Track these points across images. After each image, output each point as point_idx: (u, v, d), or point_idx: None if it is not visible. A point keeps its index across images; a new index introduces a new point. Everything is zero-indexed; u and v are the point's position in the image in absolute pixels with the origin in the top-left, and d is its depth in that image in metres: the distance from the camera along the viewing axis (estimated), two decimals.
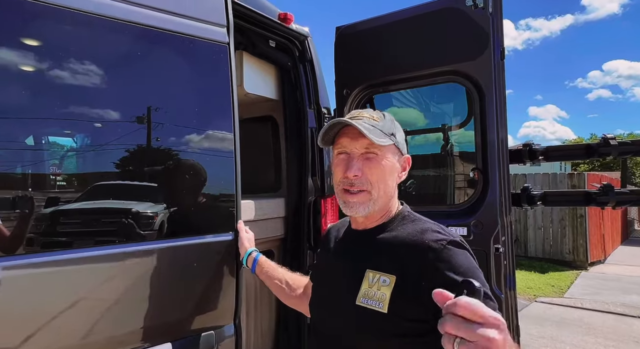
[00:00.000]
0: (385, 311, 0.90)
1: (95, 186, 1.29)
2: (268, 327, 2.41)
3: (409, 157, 1.08)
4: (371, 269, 0.97)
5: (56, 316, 1.16)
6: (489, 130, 1.87)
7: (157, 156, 1.43)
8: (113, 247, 1.28)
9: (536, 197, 1.94)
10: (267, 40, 2.23)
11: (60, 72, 1.20)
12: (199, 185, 1.54)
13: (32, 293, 1.12)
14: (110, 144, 1.30)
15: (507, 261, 1.84)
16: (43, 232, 1.18)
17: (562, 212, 8.07)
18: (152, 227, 1.40)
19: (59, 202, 1.21)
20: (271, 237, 2.35)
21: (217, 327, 1.54)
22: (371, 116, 1.03)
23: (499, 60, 1.81)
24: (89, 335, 1.23)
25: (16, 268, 1.09)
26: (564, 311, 5.29)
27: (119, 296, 1.28)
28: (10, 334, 1.08)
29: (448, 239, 0.91)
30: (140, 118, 1.37)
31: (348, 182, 1.00)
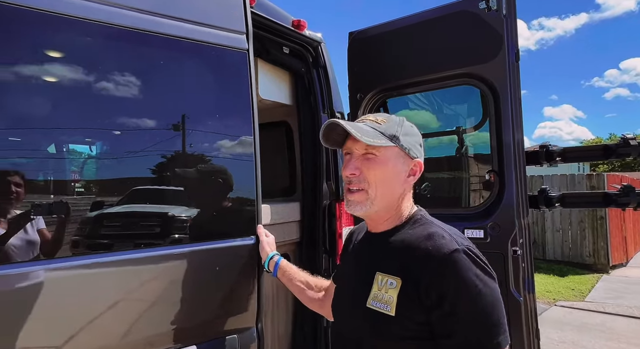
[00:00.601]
0: (393, 313, 0.91)
1: (124, 192, 1.34)
2: (285, 330, 2.43)
3: (420, 162, 1.07)
4: (381, 272, 0.98)
5: (87, 318, 1.20)
6: (505, 132, 1.86)
7: (182, 162, 1.47)
8: (141, 251, 1.32)
9: (554, 199, 1.92)
10: (281, 47, 2.27)
11: (100, 84, 1.27)
12: (223, 190, 1.57)
13: (66, 295, 1.17)
14: (139, 151, 1.35)
15: (525, 264, 1.82)
16: (77, 237, 1.23)
17: (582, 214, 7.88)
18: (178, 232, 1.43)
19: (88, 208, 1.26)
20: (287, 241, 2.38)
21: (240, 330, 1.55)
22: (375, 118, 1.04)
23: (513, 62, 1.80)
24: (119, 336, 1.27)
25: (54, 270, 1.15)
26: (585, 316, 5.16)
27: (147, 298, 1.32)
28: (47, 333, 1.13)
29: (451, 248, 0.90)
30: (167, 125, 1.42)
31: (348, 180, 1.03)
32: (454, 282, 0.88)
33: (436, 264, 0.89)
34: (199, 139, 1.49)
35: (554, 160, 1.91)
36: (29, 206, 1.14)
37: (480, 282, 0.88)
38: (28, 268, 1.12)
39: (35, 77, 1.17)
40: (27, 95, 1.16)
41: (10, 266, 1.09)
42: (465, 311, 0.87)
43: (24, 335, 1.10)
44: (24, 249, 1.12)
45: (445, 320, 0.88)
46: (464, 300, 0.87)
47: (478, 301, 0.87)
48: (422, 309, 0.89)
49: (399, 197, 1.05)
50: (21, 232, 1.11)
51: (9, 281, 1.09)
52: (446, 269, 0.88)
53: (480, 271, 0.90)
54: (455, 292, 0.87)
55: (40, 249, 1.15)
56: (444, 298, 0.87)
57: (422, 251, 0.93)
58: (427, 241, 0.94)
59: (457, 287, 0.87)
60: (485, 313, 0.87)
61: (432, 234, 0.96)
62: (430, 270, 0.89)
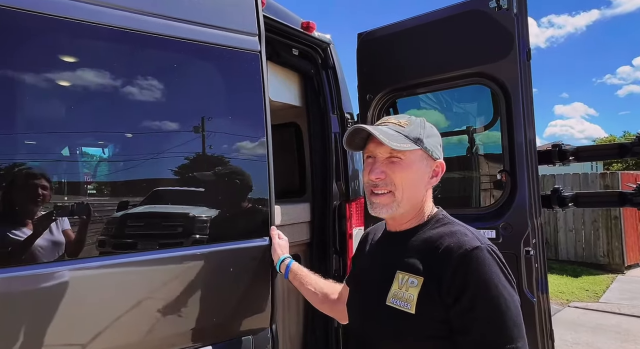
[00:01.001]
0: (413, 311, 0.92)
1: (142, 194, 1.36)
2: (296, 331, 2.44)
3: (442, 163, 1.08)
4: (401, 270, 0.99)
5: (109, 316, 1.24)
6: (516, 131, 1.84)
7: (199, 164, 1.49)
8: (159, 252, 1.35)
9: (568, 198, 1.89)
10: (290, 49, 2.28)
11: (120, 89, 1.31)
12: (237, 192, 1.59)
13: (89, 294, 1.20)
14: (157, 153, 1.38)
15: (538, 264, 1.80)
16: (98, 238, 1.26)
17: (595, 214, 7.75)
18: (195, 233, 1.45)
19: (105, 211, 1.29)
20: (297, 241, 2.39)
21: (255, 331, 1.56)
22: (398, 121, 1.05)
23: (524, 61, 1.79)
24: (140, 334, 1.30)
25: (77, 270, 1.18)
26: (599, 317, 5.08)
27: (166, 298, 1.34)
28: (71, 331, 1.16)
29: (474, 245, 0.91)
30: (182, 128, 1.44)
31: (373, 184, 1.04)
32: (474, 278, 0.88)
33: (457, 261, 0.90)
34: (213, 141, 1.51)
35: (567, 159, 1.88)
36: (54, 207, 1.17)
37: (500, 282, 0.88)
38: (54, 268, 1.15)
39: (60, 83, 1.20)
40: (52, 100, 1.20)
41: (39, 266, 1.13)
42: (483, 308, 0.87)
43: (50, 332, 1.14)
44: (51, 250, 1.16)
45: (463, 316, 0.88)
46: (483, 297, 0.87)
47: (497, 299, 0.87)
48: (442, 307, 0.90)
49: (423, 198, 1.06)
50: (48, 233, 1.15)
51: (37, 281, 1.12)
52: (467, 266, 0.89)
53: (500, 273, 0.90)
54: (475, 288, 0.87)
55: (65, 249, 1.19)
56: (463, 293, 0.88)
57: (444, 249, 0.94)
58: (449, 239, 0.95)
59: (477, 283, 0.87)
60: (503, 313, 0.86)
61: (454, 232, 0.97)
62: (452, 267, 0.90)
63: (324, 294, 1.42)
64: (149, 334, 1.31)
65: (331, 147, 2.36)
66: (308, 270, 1.52)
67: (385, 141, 0.97)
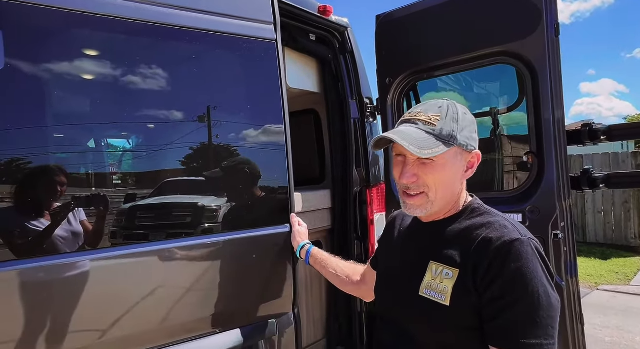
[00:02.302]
0: (448, 303, 0.90)
1: (163, 183, 1.39)
2: (320, 316, 2.48)
3: (478, 153, 1.02)
4: (435, 261, 0.96)
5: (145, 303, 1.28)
6: (544, 111, 1.77)
7: (220, 154, 1.51)
8: (184, 240, 1.38)
9: (599, 179, 1.82)
10: (307, 34, 2.26)
11: (136, 80, 1.32)
12: (257, 180, 1.61)
13: (111, 283, 1.24)
14: (176, 144, 1.40)
15: (567, 248, 1.75)
16: (117, 228, 1.29)
17: (626, 195, 7.46)
18: (218, 221, 1.48)
19: (130, 200, 1.32)
20: (319, 228, 2.40)
21: (279, 315, 1.61)
22: (428, 118, 0.96)
23: (553, 37, 1.70)
24: (165, 321, 1.34)
25: (99, 260, 1.22)
26: (630, 300, 4.94)
27: (192, 285, 1.38)
28: (92, 319, 1.20)
29: (513, 237, 0.87)
30: (199, 117, 1.45)
31: (405, 186, 0.99)
32: (510, 270, 0.84)
33: (495, 252, 0.87)
34: (231, 130, 1.53)
35: (599, 139, 1.80)
36: (71, 199, 1.19)
37: (536, 277, 0.84)
38: (83, 257, 1.19)
39: (79, 76, 1.22)
40: (71, 93, 1.22)
41: (62, 257, 1.16)
42: (514, 299, 0.84)
43: (88, 318, 1.19)
44: (71, 240, 1.18)
45: (492, 304, 0.86)
46: (516, 288, 0.84)
47: (531, 294, 0.83)
48: (477, 298, 0.88)
49: (458, 193, 1.02)
50: (66, 224, 1.18)
51: (60, 271, 1.16)
52: (505, 257, 0.85)
53: (540, 268, 0.86)
54: (509, 279, 0.84)
55: (96, 238, 1.23)
56: (495, 282, 0.85)
57: (481, 240, 0.90)
58: (487, 230, 0.92)
59: (512, 275, 0.84)
60: (535, 308, 0.82)
61: (492, 223, 0.93)
62: (489, 258, 0.87)
63: (346, 276, 1.44)
64: (181, 319, 1.37)
65: (351, 133, 2.34)
66: (328, 254, 1.54)
67: (415, 151, 0.91)
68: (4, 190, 1.08)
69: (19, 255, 1.09)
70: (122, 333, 1.24)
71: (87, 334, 1.19)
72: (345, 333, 2.40)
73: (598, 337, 3.88)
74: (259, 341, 1.53)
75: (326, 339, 2.49)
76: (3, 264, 1.05)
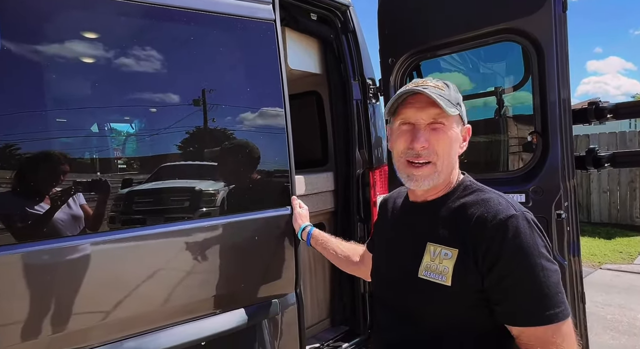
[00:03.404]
0: (449, 283, 0.91)
1: (164, 167, 1.39)
2: (323, 297, 2.52)
3: (470, 128, 1.05)
4: (432, 242, 0.96)
5: (154, 283, 1.31)
6: (549, 90, 1.73)
7: (219, 137, 1.51)
8: (188, 222, 1.40)
9: (604, 159, 1.80)
10: (308, 14, 2.21)
11: (132, 63, 1.30)
12: (259, 163, 1.61)
13: (117, 265, 1.26)
14: (174, 126, 1.39)
15: (570, 227, 1.75)
16: (123, 211, 1.31)
17: (632, 174, 7.41)
18: (220, 204, 1.49)
19: (131, 183, 1.33)
20: (322, 210, 2.41)
21: (281, 295, 1.64)
22: (436, 85, 0.98)
23: (560, 13, 1.65)
24: (183, 299, 1.38)
25: (103, 243, 1.23)
26: (633, 279, 4.97)
27: (195, 268, 1.41)
28: (99, 300, 1.23)
29: (509, 213, 0.88)
30: (197, 101, 1.44)
31: (413, 154, 0.97)
32: (510, 247, 0.85)
33: (493, 230, 0.87)
34: (230, 114, 1.52)
35: (605, 117, 1.77)
36: (73, 183, 1.19)
37: (536, 250, 0.85)
38: (88, 240, 1.21)
39: (67, 57, 1.19)
40: (62, 75, 1.20)
41: (73, 238, 1.18)
42: (519, 276, 0.85)
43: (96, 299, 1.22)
44: (73, 223, 1.19)
45: (498, 285, 0.87)
46: (519, 265, 0.85)
47: (534, 268, 0.84)
48: (478, 277, 0.89)
49: (455, 166, 1.02)
50: (67, 207, 1.18)
51: (74, 251, 1.18)
52: (503, 235, 0.86)
53: (537, 239, 0.87)
54: (510, 257, 0.85)
55: (110, 220, 1.25)
56: (498, 262, 0.86)
57: (477, 218, 0.91)
58: (482, 208, 0.92)
59: (513, 252, 0.85)
60: (540, 281, 0.84)
61: (486, 200, 0.93)
62: (487, 236, 0.88)
63: (347, 257, 1.46)
64: (186, 300, 1.40)
65: (353, 115, 2.32)
66: (329, 235, 1.57)
67: (443, 106, 0.91)
68: (3, 174, 1.09)
69: (19, 239, 1.10)
70: (127, 314, 1.27)
71: (91, 315, 1.22)
72: (349, 312, 2.45)
73: (600, 315, 3.93)
74: (263, 320, 1.57)
75: (330, 318, 2.55)
76: (3, 248, 1.06)
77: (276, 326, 1.61)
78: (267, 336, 1.57)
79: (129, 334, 1.28)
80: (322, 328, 2.49)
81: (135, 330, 1.29)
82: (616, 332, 3.59)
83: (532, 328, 0.84)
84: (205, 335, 1.41)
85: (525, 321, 0.85)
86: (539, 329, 0.84)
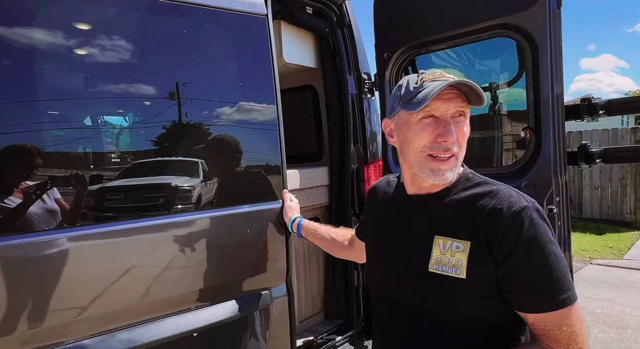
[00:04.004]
0: (464, 276, 0.90)
1: (157, 161, 1.39)
2: (317, 291, 2.54)
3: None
4: (440, 235, 0.95)
5: (136, 278, 1.31)
6: (543, 86, 1.75)
7: (210, 131, 1.50)
8: (179, 215, 1.40)
9: (595, 154, 1.82)
10: (304, 8, 2.20)
11: (120, 54, 1.28)
12: (251, 157, 1.62)
13: (109, 258, 1.26)
14: (163, 121, 1.39)
15: (561, 222, 1.78)
16: (115, 204, 1.31)
17: (623, 170, 7.50)
18: (211, 197, 1.49)
19: (125, 176, 1.33)
20: (316, 204, 2.43)
21: (272, 287, 1.66)
22: (452, 77, 0.94)
23: (555, 9, 1.66)
24: (174, 291, 1.39)
25: (93, 237, 1.23)
26: (623, 273, 5.05)
27: (186, 260, 1.41)
28: (89, 293, 1.23)
29: (522, 205, 0.88)
30: (187, 95, 1.43)
31: (442, 148, 0.93)
32: (525, 237, 0.86)
33: (508, 221, 0.87)
34: (221, 107, 1.51)
35: (597, 113, 1.78)
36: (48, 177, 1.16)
37: (549, 240, 0.87)
38: (73, 233, 1.20)
39: (49, 49, 1.17)
40: (43, 66, 1.17)
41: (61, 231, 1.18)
42: (535, 266, 0.86)
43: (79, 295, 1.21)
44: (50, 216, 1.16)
45: (514, 274, 0.87)
46: (534, 254, 0.86)
47: (548, 257, 0.86)
48: (493, 268, 0.89)
49: None
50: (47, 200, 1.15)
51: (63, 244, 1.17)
52: (519, 226, 0.87)
53: (548, 229, 0.89)
54: (527, 247, 0.86)
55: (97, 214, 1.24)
56: (514, 252, 0.87)
57: (490, 210, 0.90)
58: (493, 200, 0.91)
59: (529, 242, 0.86)
60: (554, 269, 0.86)
61: (496, 192, 0.93)
62: (502, 228, 0.88)
63: (338, 242, 1.49)
64: (180, 291, 1.41)
65: (348, 109, 2.33)
66: (318, 224, 1.59)
67: (482, 97, 0.90)
68: None
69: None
70: (118, 306, 1.28)
71: (80, 309, 1.21)
72: (343, 306, 2.47)
73: (589, 309, 3.99)
74: (254, 312, 1.59)
75: (324, 312, 2.57)
76: None
77: (267, 317, 1.63)
78: (258, 326, 1.59)
79: (120, 326, 1.29)
80: (316, 321, 2.51)
81: (127, 322, 1.30)
82: (605, 325, 3.65)
83: (548, 313, 0.86)
84: (197, 326, 1.42)
85: (543, 308, 0.86)
86: (554, 313, 0.85)
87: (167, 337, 1.35)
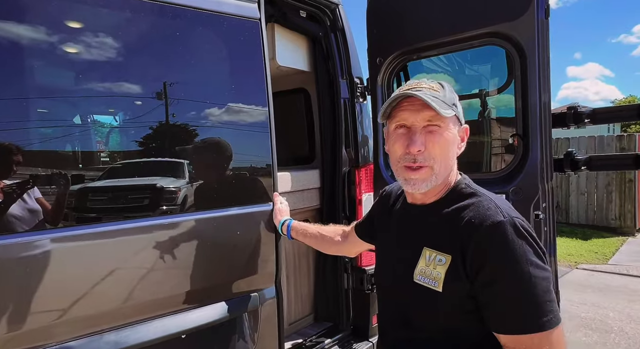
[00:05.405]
0: (440, 290, 0.90)
1: (146, 162, 1.39)
2: (307, 293, 2.54)
3: (467, 128, 1.03)
4: (428, 247, 0.96)
5: (125, 279, 1.30)
6: (531, 94, 1.78)
7: (202, 133, 1.50)
8: (169, 217, 1.40)
9: (580, 162, 1.86)
10: (297, 11, 2.21)
11: (106, 55, 1.27)
12: (241, 159, 1.62)
13: (90, 261, 1.24)
14: (153, 122, 1.38)
15: (547, 227, 1.81)
16: (102, 205, 1.30)
17: (609, 177, 7.66)
18: (201, 199, 1.49)
19: (116, 177, 1.33)
20: (308, 207, 2.43)
21: (261, 289, 1.66)
22: (430, 86, 0.95)
23: (543, 19, 1.70)
24: (163, 293, 1.38)
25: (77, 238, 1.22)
26: (607, 278, 5.15)
27: (175, 262, 1.41)
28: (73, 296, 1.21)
29: (496, 219, 0.86)
30: (179, 97, 1.43)
31: (410, 159, 0.94)
32: (495, 254, 0.85)
33: (479, 237, 0.86)
34: (213, 110, 1.52)
35: (582, 122, 1.83)
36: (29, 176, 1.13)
37: (524, 256, 0.84)
38: (64, 233, 1.19)
39: (37, 49, 1.16)
40: (28, 67, 1.16)
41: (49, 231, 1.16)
42: (505, 285, 0.84)
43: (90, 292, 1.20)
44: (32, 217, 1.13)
45: (483, 290, 0.87)
46: (504, 273, 0.84)
47: (520, 275, 0.83)
48: (468, 282, 0.88)
49: (452, 167, 1.01)
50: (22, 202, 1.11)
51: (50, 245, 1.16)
52: (489, 241, 0.85)
53: (526, 245, 0.85)
54: (496, 264, 0.85)
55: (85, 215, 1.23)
56: (483, 268, 0.85)
57: (465, 224, 0.90)
58: (471, 213, 0.91)
59: (499, 259, 0.84)
60: (526, 288, 0.83)
61: (476, 205, 0.92)
62: (473, 242, 0.87)
63: (328, 238, 1.50)
64: (169, 292, 1.41)
65: (340, 113, 2.34)
66: (307, 223, 1.60)
67: (437, 108, 0.88)
68: None
69: None
70: (107, 308, 1.27)
71: (67, 310, 1.20)
72: (332, 308, 2.47)
73: (574, 313, 4.06)
74: (243, 313, 1.59)
75: (313, 314, 2.57)
76: None
77: (256, 319, 1.63)
78: (246, 328, 1.59)
79: (107, 328, 1.28)
80: (305, 323, 2.51)
81: (113, 324, 1.29)
82: (589, 329, 3.72)
83: (517, 336, 0.84)
84: (186, 328, 1.41)
85: (510, 329, 0.85)
86: (523, 337, 0.83)
87: (155, 339, 1.34)
